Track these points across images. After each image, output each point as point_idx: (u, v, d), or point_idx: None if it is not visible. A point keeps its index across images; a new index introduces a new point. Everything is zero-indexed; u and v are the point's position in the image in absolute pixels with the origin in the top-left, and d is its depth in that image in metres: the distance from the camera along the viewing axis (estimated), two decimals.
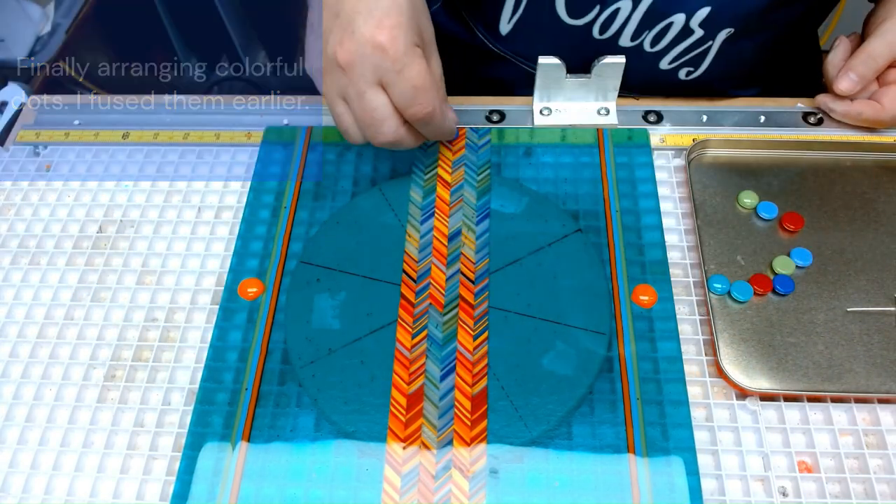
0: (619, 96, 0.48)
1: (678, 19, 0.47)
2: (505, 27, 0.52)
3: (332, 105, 0.38)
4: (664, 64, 0.50)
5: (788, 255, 0.41)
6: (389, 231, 0.43)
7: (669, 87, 0.52)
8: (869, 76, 0.45)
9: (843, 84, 0.46)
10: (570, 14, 0.48)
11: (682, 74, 0.51)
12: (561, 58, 0.46)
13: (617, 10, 0.47)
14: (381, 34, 0.35)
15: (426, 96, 0.36)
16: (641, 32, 0.48)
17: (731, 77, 0.51)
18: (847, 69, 0.45)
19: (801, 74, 0.58)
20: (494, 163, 0.46)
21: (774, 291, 0.40)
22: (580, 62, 0.47)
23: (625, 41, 0.49)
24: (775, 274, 0.40)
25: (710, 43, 0.48)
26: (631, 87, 0.51)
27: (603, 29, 0.49)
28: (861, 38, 0.48)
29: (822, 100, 0.48)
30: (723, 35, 0.47)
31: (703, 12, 0.45)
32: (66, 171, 0.48)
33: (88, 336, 0.40)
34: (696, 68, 0.50)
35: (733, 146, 0.46)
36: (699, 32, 0.47)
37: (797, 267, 0.41)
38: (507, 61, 0.55)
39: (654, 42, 0.49)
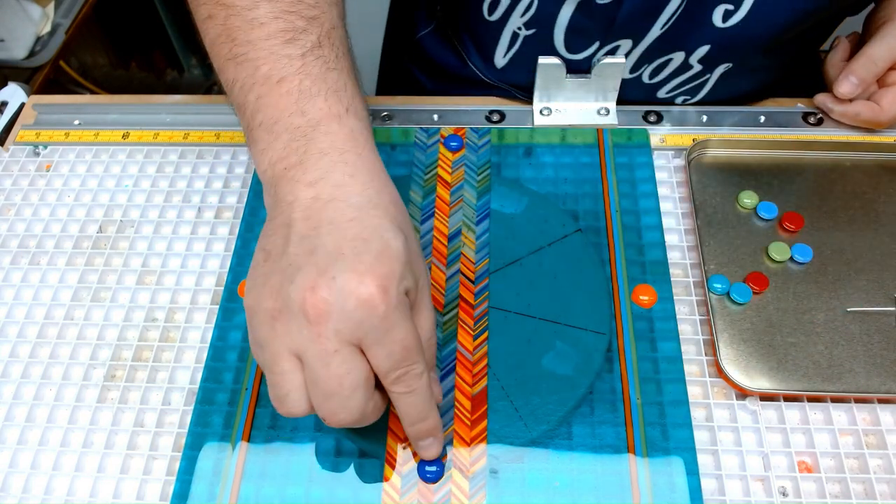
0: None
1: (678, 56, 0.46)
2: (500, 61, 0.51)
3: (274, 361, 0.29)
4: (662, 93, 0.50)
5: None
6: None
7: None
8: (869, 80, 0.45)
9: (844, 87, 0.46)
10: (570, 50, 0.48)
11: (678, 101, 0.50)
12: None
13: (617, 47, 0.46)
14: (370, 286, 0.27)
15: (417, 357, 0.29)
16: (640, 66, 0.48)
17: (728, 102, 0.51)
18: (847, 72, 0.45)
19: (799, 78, 0.57)
20: (494, 163, 0.46)
21: (792, 260, 0.41)
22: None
23: (623, 73, 0.49)
24: (773, 262, 0.41)
25: (707, 76, 0.48)
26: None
27: None
28: (861, 37, 0.48)
29: (821, 99, 0.48)
30: (721, 69, 0.47)
31: (703, 50, 0.45)
32: (66, 171, 0.48)
33: (88, 336, 0.40)
34: (694, 96, 0.50)
35: (733, 146, 0.46)
36: (698, 67, 0.47)
37: (798, 263, 0.41)
38: (500, 90, 0.54)
39: (653, 74, 0.48)
